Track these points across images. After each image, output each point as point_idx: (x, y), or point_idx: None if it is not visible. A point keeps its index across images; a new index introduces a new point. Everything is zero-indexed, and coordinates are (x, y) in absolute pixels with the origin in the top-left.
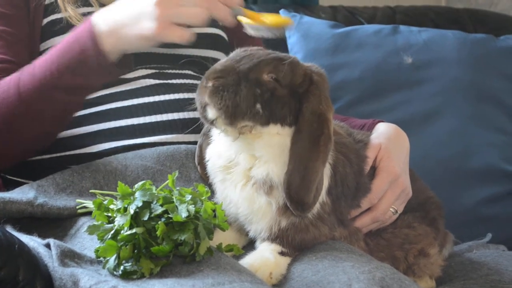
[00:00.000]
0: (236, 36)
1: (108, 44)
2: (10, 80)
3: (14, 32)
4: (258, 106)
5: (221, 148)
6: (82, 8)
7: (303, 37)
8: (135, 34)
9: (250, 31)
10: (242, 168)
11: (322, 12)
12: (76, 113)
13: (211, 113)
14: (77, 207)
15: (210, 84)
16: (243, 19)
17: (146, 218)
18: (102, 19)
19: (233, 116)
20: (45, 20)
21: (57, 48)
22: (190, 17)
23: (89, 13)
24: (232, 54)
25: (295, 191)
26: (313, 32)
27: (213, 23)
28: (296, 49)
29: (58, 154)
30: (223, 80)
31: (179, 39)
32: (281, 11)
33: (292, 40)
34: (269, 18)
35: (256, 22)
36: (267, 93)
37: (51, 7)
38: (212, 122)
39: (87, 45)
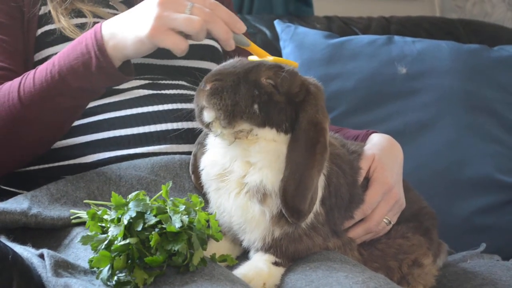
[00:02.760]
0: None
1: (110, 47)
2: (11, 85)
3: (10, 41)
4: (256, 106)
5: (216, 157)
6: (75, 19)
7: (297, 47)
8: (132, 36)
9: None
10: (236, 176)
11: (317, 22)
12: (76, 119)
13: (208, 115)
14: (71, 217)
15: (208, 86)
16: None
17: (139, 228)
18: (107, 23)
19: (232, 115)
20: (39, 31)
21: (60, 52)
22: (186, 25)
23: (83, 24)
24: (229, 61)
25: (291, 198)
26: (308, 42)
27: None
28: (290, 59)
29: (52, 165)
30: (222, 82)
31: (173, 45)
32: (276, 21)
33: (287, 50)
34: (275, 59)
35: (260, 58)
36: (264, 96)
37: (45, 17)
38: (208, 126)
39: (90, 47)
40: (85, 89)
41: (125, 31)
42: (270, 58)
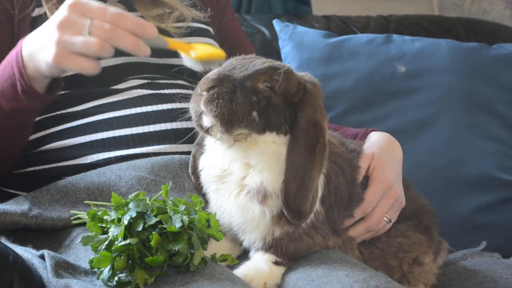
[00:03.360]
0: (229, 44)
1: (30, 69)
2: None
3: None
4: (255, 113)
5: (215, 158)
6: None
7: (296, 47)
8: (43, 61)
9: (186, 63)
10: (236, 177)
11: (316, 21)
12: (28, 132)
13: (207, 121)
14: (71, 218)
15: (205, 92)
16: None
17: (140, 228)
18: (26, 43)
19: (229, 123)
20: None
21: None
22: (86, 47)
23: None
24: (226, 63)
25: (292, 199)
26: (307, 41)
27: (204, 32)
28: (289, 58)
29: (52, 165)
30: (218, 88)
31: (80, 69)
32: (275, 21)
33: (286, 50)
34: (200, 50)
35: (184, 53)
36: (263, 101)
37: (40, 19)
38: (207, 130)
39: (14, 70)
40: (19, 110)
41: (37, 54)
42: (193, 54)
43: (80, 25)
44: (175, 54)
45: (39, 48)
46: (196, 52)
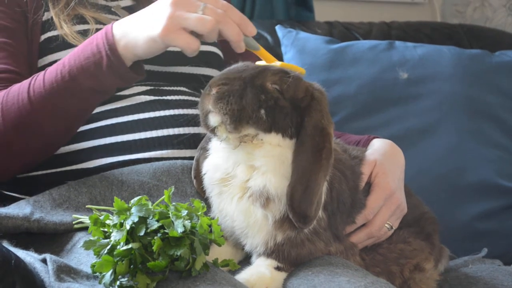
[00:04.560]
0: (232, 52)
1: (121, 46)
2: (21, 86)
3: (16, 45)
4: (262, 111)
5: (219, 161)
6: (78, 25)
7: (299, 53)
8: (143, 35)
9: None
10: (239, 180)
11: (318, 27)
12: (83, 122)
13: (214, 120)
14: (74, 222)
15: (214, 91)
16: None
17: (142, 233)
18: (119, 23)
19: (239, 119)
20: (43, 37)
21: (70, 53)
22: (198, 24)
23: (85, 31)
24: (233, 66)
25: (298, 203)
26: (309, 47)
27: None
28: (292, 64)
29: (55, 170)
30: (228, 87)
31: (185, 45)
32: (277, 26)
33: (288, 56)
34: (282, 65)
35: (267, 63)
36: (271, 101)
37: (47, 24)
38: (213, 130)
39: (101, 47)
40: (95, 89)
41: (137, 31)
42: (277, 63)
43: (195, 4)
44: (179, 62)
45: (142, 25)
46: (280, 64)
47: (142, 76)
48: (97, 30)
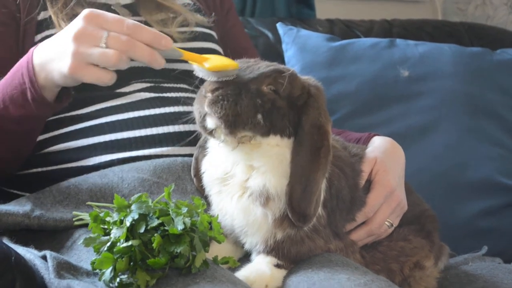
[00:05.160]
0: (232, 48)
1: (41, 78)
2: None
3: None
4: (259, 116)
5: (218, 160)
6: None
7: (300, 50)
8: (56, 71)
9: (198, 73)
10: (238, 179)
11: (319, 25)
12: (36, 136)
13: (211, 122)
14: (74, 219)
15: (209, 94)
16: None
17: (142, 230)
18: (38, 52)
19: (233, 125)
20: (39, 36)
21: (3, 79)
22: (103, 59)
23: None
24: None
25: (297, 202)
26: (310, 45)
27: (208, 37)
28: (293, 62)
29: (55, 167)
30: (223, 90)
31: (96, 80)
32: (278, 24)
33: (289, 53)
34: (213, 61)
35: (198, 64)
36: (267, 104)
37: (45, 23)
38: (211, 132)
39: (25, 78)
40: (28, 116)
41: (51, 64)
42: (206, 65)
43: (97, 36)
44: (179, 59)
45: (53, 58)
46: (210, 63)
47: (68, 99)
48: None
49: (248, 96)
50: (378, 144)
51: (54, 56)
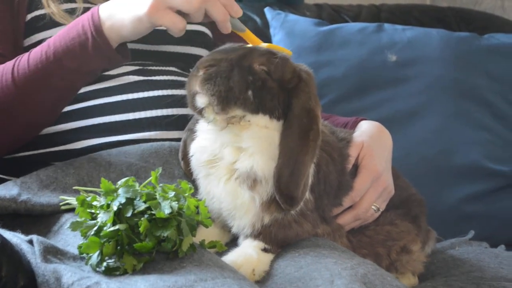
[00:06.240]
0: (221, 34)
1: (106, 27)
2: (5, 67)
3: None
4: (250, 92)
5: (206, 143)
6: (65, 4)
7: (287, 35)
8: (129, 15)
9: None
10: (226, 162)
11: (307, 10)
12: (67, 103)
13: (201, 101)
14: (61, 203)
15: (201, 72)
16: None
17: (129, 214)
18: (105, 5)
19: (226, 101)
20: (29, 16)
21: (55, 34)
22: (184, 3)
23: (73, 10)
24: (221, 47)
25: (285, 185)
26: (298, 30)
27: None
28: (281, 46)
29: (42, 151)
30: (215, 68)
31: (171, 24)
32: (266, 8)
33: (277, 38)
34: (268, 45)
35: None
36: (258, 82)
37: (34, 2)
38: (201, 112)
39: (86, 28)
40: (80, 71)
41: (123, 11)
42: (264, 45)
43: None
44: (167, 41)
45: (128, 6)
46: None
47: (127, 59)
48: (85, 8)
49: (240, 72)
50: (365, 129)
51: (131, 3)
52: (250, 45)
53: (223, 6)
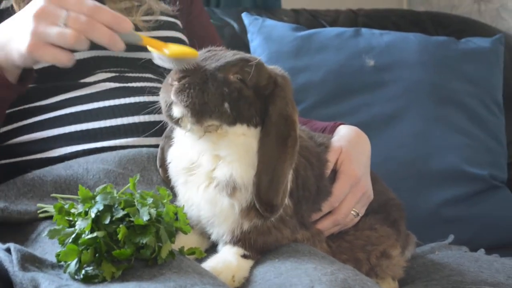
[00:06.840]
0: (197, 38)
1: (1, 59)
2: None
3: None
4: (226, 105)
5: (183, 150)
6: None
7: (265, 40)
8: (15, 50)
9: (157, 61)
10: (204, 169)
11: (285, 15)
12: None
13: (177, 111)
14: (38, 211)
15: (175, 82)
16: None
17: (107, 221)
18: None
19: (200, 114)
20: None
21: None
22: (61, 39)
23: None
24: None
25: (264, 193)
26: (276, 35)
27: (172, 26)
28: (258, 52)
29: (19, 159)
30: (189, 78)
31: (53, 60)
32: (244, 14)
33: (255, 43)
34: (173, 48)
35: (157, 51)
36: (234, 93)
37: (6, 12)
38: (177, 121)
39: None
40: None
41: (10, 43)
42: (166, 52)
43: (56, 15)
44: (144, 48)
45: (12, 38)
46: (170, 50)
47: (28, 83)
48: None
49: (215, 85)
50: (344, 133)
51: (14, 35)
52: (221, 51)
53: (108, 27)
